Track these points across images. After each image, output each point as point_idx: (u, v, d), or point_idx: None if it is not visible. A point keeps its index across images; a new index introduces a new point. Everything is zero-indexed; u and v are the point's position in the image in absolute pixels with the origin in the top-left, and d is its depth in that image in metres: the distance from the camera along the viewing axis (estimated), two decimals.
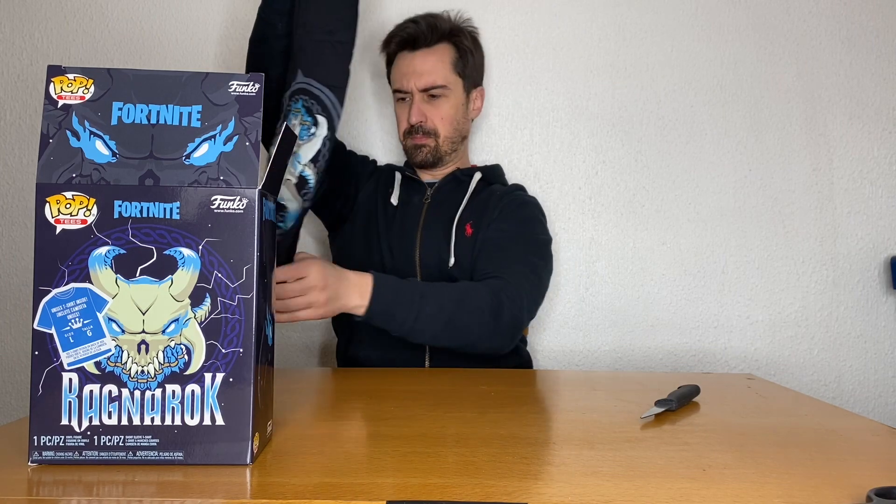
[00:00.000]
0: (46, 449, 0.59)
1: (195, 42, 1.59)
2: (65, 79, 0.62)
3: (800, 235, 1.61)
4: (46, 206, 0.59)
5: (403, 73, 1.34)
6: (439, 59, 1.34)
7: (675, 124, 1.61)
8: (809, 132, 1.61)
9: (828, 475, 0.60)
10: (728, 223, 1.61)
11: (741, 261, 1.60)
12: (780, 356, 1.60)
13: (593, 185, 1.59)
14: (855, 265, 1.61)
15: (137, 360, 0.59)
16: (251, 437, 0.60)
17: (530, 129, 1.61)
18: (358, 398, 0.90)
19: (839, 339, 1.60)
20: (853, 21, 1.61)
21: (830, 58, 1.61)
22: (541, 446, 0.67)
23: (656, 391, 0.86)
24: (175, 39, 1.59)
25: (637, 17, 1.61)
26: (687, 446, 0.68)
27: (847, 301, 1.61)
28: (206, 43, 1.59)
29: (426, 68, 1.33)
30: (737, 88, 1.61)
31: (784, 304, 1.60)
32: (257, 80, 0.63)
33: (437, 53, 1.35)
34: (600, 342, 1.60)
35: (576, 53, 1.61)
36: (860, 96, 1.61)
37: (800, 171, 1.61)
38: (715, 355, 1.60)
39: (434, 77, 1.33)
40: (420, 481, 0.56)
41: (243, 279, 0.60)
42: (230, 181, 0.61)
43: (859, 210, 1.61)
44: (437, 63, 1.34)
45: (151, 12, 1.59)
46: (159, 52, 1.58)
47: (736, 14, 1.61)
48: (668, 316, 1.60)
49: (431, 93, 1.33)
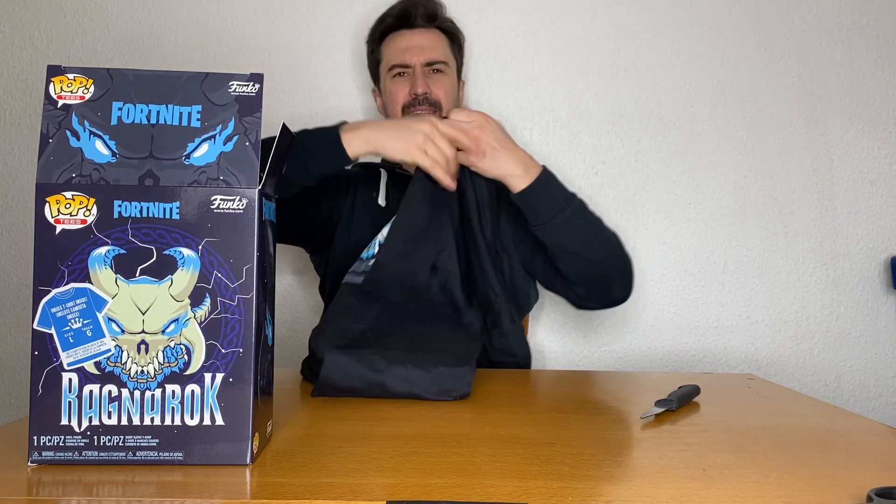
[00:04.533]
0: (46, 449, 0.59)
1: (195, 42, 1.59)
2: (64, 79, 0.62)
3: (800, 235, 1.61)
4: (46, 206, 0.59)
5: (404, 49, 1.33)
6: (438, 38, 1.36)
7: (675, 124, 1.61)
8: (809, 132, 1.61)
9: (828, 475, 0.60)
10: (728, 223, 1.61)
11: (741, 261, 1.60)
12: (780, 356, 1.60)
13: (593, 185, 1.59)
14: (855, 265, 1.61)
15: (137, 360, 0.59)
16: (251, 437, 0.60)
17: (530, 129, 1.61)
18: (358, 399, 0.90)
19: (839, 339, 1.60)
20: (853, 21, 1.61)
21: (830, 58, 1.61)
22: (541, 446, 0.67)
23: (656, 391, 0.86)
24: (175, 39, 1.59)
25: (637, 17, 1.61)
26: (687, 446, 0.68)
27: (847, 301, 1.61)
28: (206, 43, 1.59)
29: (428, 43, 1.33)
30: (737, 88, 1.61)
31: (784, 304, 1.60)
32: (257, 81, 0.63)
33: (434, 33, 1.36)
34: (600, 342, 1.60)
35: (576, 53, 1.61)
36: (860, 96, 1.61)
37: (800, 171, 1.61)
38: (715, 355, 1.60)
39: (437, 53, 1.33)
40: (420, 481, 0.56)
41: (243, 279, 0.60)
42: (230, 181, 0.61)
43: (859, 210, 1.61)
44: (437, 41, 1.35)
45: (151, 12, 1.59)
46: (159, 52, 1.58)
47: (736, 14, 1.61)
48: (668, 316, 1.60)
49: (435, 67, 1.32)
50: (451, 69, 1.36)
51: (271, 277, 0.67)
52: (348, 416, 0.79)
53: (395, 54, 1.34)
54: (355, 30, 1.59)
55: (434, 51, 1.33)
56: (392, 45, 1.36)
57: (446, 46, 1.37)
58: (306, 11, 1.60)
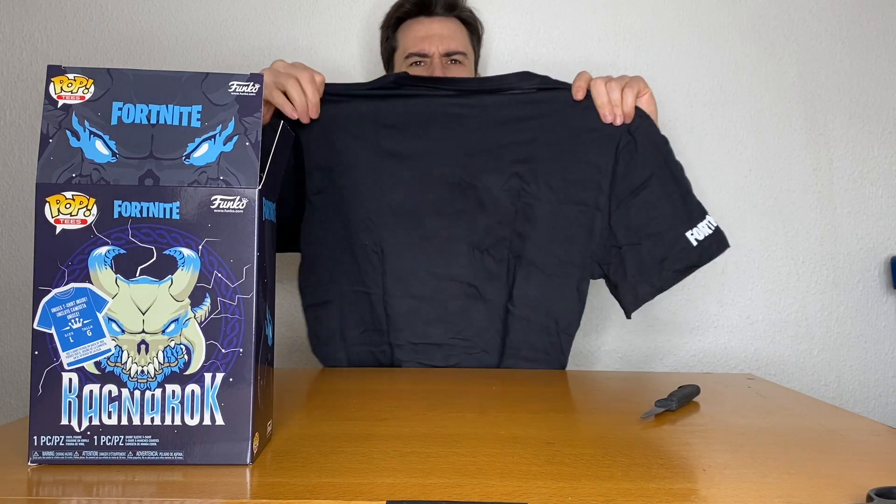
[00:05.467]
0: (46, 449, 0.59)
1: (195, 42, 1.59)
2: (65, 79, 0.62)
3: (800, 235, 1.61)
4: (46, 206, 0.59)
5: (423, 37, 1.30)
6: (457, 27, 1.34)
7: (675, 124, 1.60)
8: (809, 132, 1.61)
9: (828, 475, 0.60)
10: (728, 223, 1.60)
11: (741, 261, 1.60)
12: (780, 356, 1.60)
13: None
14: (855, 265, 1.61)
15: (137, 360, 0.59)
16: (251, 437, 0.60)
17: None
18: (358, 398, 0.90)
19: (839, 339, 1.60)
20: (853, 21, 1.61)
21: (830, 58, 1.61)
22: (541, 446, 0.67)
23: (656, 391, 0.86)
24: (175, 39, 1.59)
25: (637, 17, 1.61)
26: (687, 446, 0.68)
27: (847, 301, 1.60)
28: (206, 43, 1.59)
29: (447, 33, 1.31)
30: (737, 88, 1.61)
31: (784, 304, 1.60)
32: (257, 81, 0.63)
33: (454, 22, 1.34)
34: (600, 342, 1.60)
35: (576, 53, 1.61)
36: (860, 96, 1.61)
37: (800, 171, 1.61)
38: (715, 355, 1.60)
39: (457, 43, 1.31)
40: (420, 481, 0.56)
41: (243, 279, 0.60)
42: (230, 181, 0.61)
43: (859, 210, 1.61)
44: (457, 30, 1.33)
45: (151, 12, 1.59)
46: (159, 52, 1.58)
47: (736, 14, 1.61)
48: (668, 316, 1.60)
49: (453, 57, 1.30)
50: (469, 61, 1.34)
51: (271, 277, 0.67)
52: (348, 416, 0.79)
53: (413, 42, 1.31)
54: (356, 30, 1.59)
55: (453, 40, 1.31)
56: (410, 32, 1.32)
57: (465, 37, 1.34)
58: (306, 11, 1.60)
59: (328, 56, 1.61)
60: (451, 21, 1.33)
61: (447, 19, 1.33)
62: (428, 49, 1.29)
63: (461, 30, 1.34)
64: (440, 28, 1.31)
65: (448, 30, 1.31)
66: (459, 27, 1.34)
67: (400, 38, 1.34)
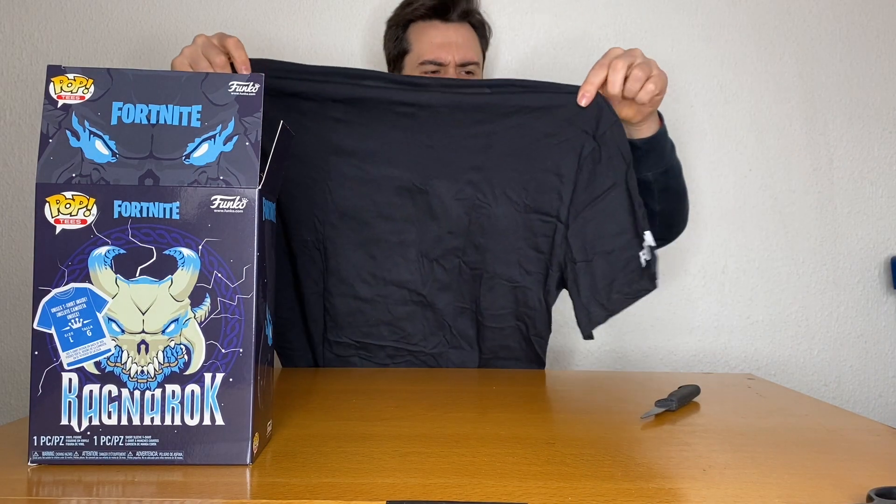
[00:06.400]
0: (46, 449, 0.59)
1: None
2: (64, 79, 0.62)
3: (800, 235, 1.61)
4: (46, 206, 0.59)
5: (440, 44, 1.26)
6: (471, 35, 1.31)
7: (675, 124, 1.60)
8: (809, 132, 1.61)
9: (828, 475, 0.60)
10: (728, 223, 1.61)
11: (741, 261, 1.60)
12: (780, 356, 1.60)
13: None
14: (855, 265, 1.61)
15: (137, 360, 0.59)
16: (251, 437, 0.60)
17: None
18: (358, 398, 0.90)
19: (839, 339, 1.60)
20: (853, 21, 1.61)
21: (830, 58, 1.61)
22: (541, 446, 0.67)
23: (656, 391, 0.86)
24: (175, 39, 1.59)
25: (637, 17, 1.61)
26: (687, 446, 0.68)
27: (847, 301, 1.61)
28: None
29: (463, 41, 1.28)
30: (737, 88, 1.61)
31: (784, 304, 1.60)
32: (257, 81, 0.63)
33: (468, 30, 1.31)
34: (600, 342, 1.60)
35: (576, 53, 1.61)
36: (860, 96, 1.61)
37: (800, 171, 1.61)
38: (715, 355, 1.60)
39: (472, 53, 1.28)
40: (420, 481, 0.56)
41: (243, 279, 0.60)
42: (230, 181, 0.61)
43: (859, 210, 1.61)
44: (471, 39, 1.30)
45: (151, 12, 1.59)
46: (159, 52, 1.58)
47: (736, 14, 1.61)
48: (668, 316, 1.60)
49: (468, 69, 1.27)
50: (479, 70, 1.32)
51: (271, 277, 0.67)
52: (348, 416, 0.79)
53: (430, 49, 1.27)
54: (356, 30, 1.59)
55: (469, 50, 1.28)
56: (425, 37, 1.28)
57: (477, 45, 1.32)
58: (306, 11, 1.60)
59: (329, 56, 1.61)
60: (465, 28, 1.30)
61: (462, 26, 1.29)
62: (445, 58, 1.25)
63: (474, 37, 1.31)
64: (456, 36, 1.27)
65: (463, 38, 1.28)
66: (472, 34, 1.31)
67: (413, 42, 1.29)
